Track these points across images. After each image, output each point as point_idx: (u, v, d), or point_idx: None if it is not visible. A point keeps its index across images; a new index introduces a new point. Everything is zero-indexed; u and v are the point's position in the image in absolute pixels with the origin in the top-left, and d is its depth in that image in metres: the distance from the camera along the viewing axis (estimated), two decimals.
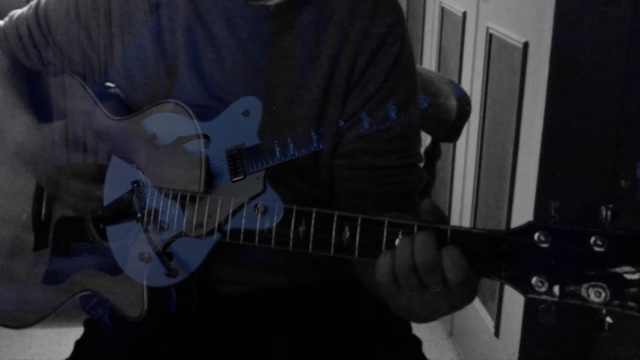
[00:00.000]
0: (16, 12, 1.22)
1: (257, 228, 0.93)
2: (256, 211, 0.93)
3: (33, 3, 1.20)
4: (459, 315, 2.34)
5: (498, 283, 1.99)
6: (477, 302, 2.18)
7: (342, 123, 1.06)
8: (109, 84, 1.17)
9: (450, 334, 2.42)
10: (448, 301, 0.84)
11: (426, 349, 1.19)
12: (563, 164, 1.69)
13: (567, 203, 0.78)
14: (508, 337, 1.95)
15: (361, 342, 1.14)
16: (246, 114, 1.00)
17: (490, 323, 2.08)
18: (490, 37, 2.02)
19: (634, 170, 1.60)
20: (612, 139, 1.67)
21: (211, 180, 0.98)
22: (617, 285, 0.75)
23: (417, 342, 1.20)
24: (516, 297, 1.87)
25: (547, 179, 1.70)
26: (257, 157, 0.97)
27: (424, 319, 0.88)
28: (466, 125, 1.38)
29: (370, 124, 1.04)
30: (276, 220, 0.91)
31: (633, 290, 0.74)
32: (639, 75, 1.62)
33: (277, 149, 0.96)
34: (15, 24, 1.20)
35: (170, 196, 1.00)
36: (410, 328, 1.23)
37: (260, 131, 0.99)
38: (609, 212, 0.76)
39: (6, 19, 1.22)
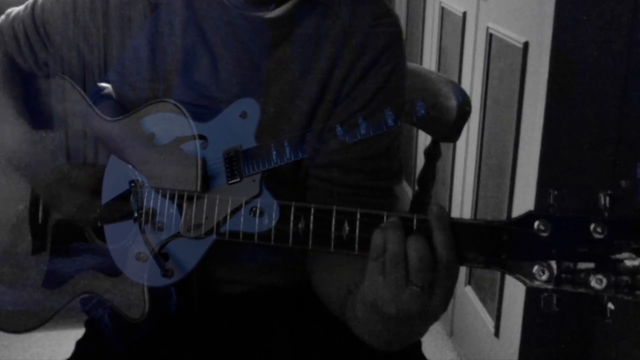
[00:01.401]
0: (13, 11, 1.20)
1: (254, 230, 0.92)
2: (252, 214, 0.93)
3: (29, 2, 1.19)
4: (459, 315, 2.34)
5: (498, 283, 2.00)
6: (477, 302, 2.18)
7: (339, 129, 1.05)
8: (102, 84, 1.16)
9: (450, 334, 2.42)
10: (423, 304, 0.84)
11: (426, 349, 1.19)
12: (563, 164, 1.69)
13: (567, 195, 0.78)
14: (508, 337, 1.95)
15: (361, 342, 1.14)
16: (244, 115, 1.00)
17: (490, 323, 2.08)
18: (490, 37, 2.02)
19: (634, 170, 1.60)
20: (612, 139, 1.67)
21: (208, 181, 0.99)
22: (618, 272, 0.75)
23: (417, 342, 1.20)
24: (516, 296, 1.87)
25: (547, 179, 1.70)
26: (254, 159, 0.97)
27: (395, 323, 0.87)
28: (466, 125, 1.38)
29: (366, 129, 1.04)
30: (273, 222, 0.91)
31: (634, 276, 0.74)
32: (639, 76, 1.62)
33: (274, 152, 0.96)
34: (12, 24, 1.19)
35: (168, 196, 1.00)
36: None
37: (258, 134, 0.99)
38: (608, 199, 0.76)
39: (2, 16, 1.21)
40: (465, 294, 2.26)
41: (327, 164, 1.07)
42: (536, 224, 0.78)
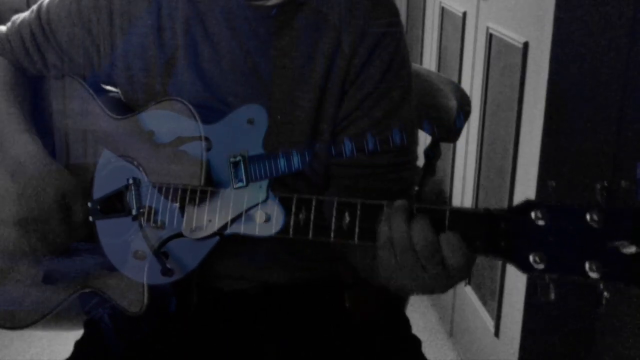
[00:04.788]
0: (19, 17, 1.23)
1: (258, 234, 0.93)
2: (257, 219, 0.93)
3: (35, 7, 1.21)
4: (459, 315, 2.34)
5: (498, 283, 2.00)
6: (477, 302, 2.18)
7: (348, 145, 1.07)
8: (110, 87, 1.18)
9: (450, 334, 2.42)
10: (446, 281, 0.86)
11: (426, 349, 1.19)
12: (563, 164, 1.69)
13: (565, 192, 0.78)
14: (508, 337, 1.95)
15: (361, 342, 1.15)
16: (251, 121, 1.00)
17: (490, 323, 2.08)
18: (490, 37, 2.02)
19: (634, 170, 1.60)
20: (612, 138, 1.67)
21: (211, 183, 0.99)
22: (614, 260, 0.75)
23: (417, 342, 1.20)
24: (516, 297, 1.87)
25: (548, 179, 1.70)
26: (261, 166, 0.97)
27: (420, 293, 0.91)
28: (466, 125, 1.38)
29: (374, 145, 1.05)
30: (276, 229, 0.92)
31: (630, 263, 0.75)
32: (639, 75, 1.62)
33: (282, 159, 0.97)
34: (18, 27, 1.21)
35: (171, 194, 1.00)
36: (410, 328, 1.23)
37: (265, 136, 0.99)
38: (604, 191, 0.76)
39: (9, 24, 1.24)
40: (465, 294, 2.26)
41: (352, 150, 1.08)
42: (533, 212, 0.79)
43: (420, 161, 1.44)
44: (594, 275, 0.76)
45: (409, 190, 1.12)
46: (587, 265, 0.76)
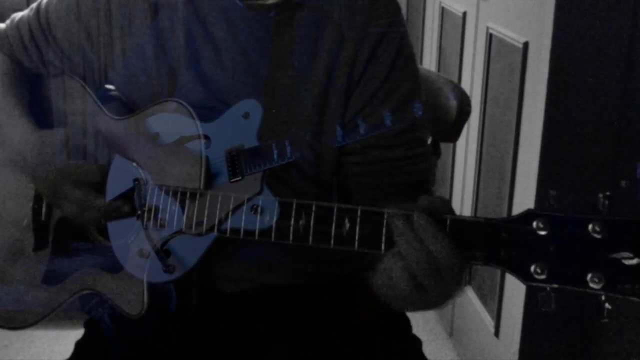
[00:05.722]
0: (17, 15, 1.23)
1: (254, 227, 0.94)
2: (253, 211, 0.94)
3: (34, 5, 1.21)
4: (459, 315, 2.34)
5: (498, 283, 2.00)
6: (477, 302, 2.18)
7: (339, 132, 1.06)
8: (109, 86, 1.18)
9: (450, 334, 2.42)
10: (444, 296, 0.85)
11: (426, 349, 1.19)
12: (563, 164, 1.69)
13: (566, 196, 0.78)
14: (508, 337, 1.95)
15: (361, 342, 1.15)
16: (246, 116, 1.01)
17: (490, 323, 2.08)
18: (490, 37, 2.02)
19: (634, 170, 1.60)
20: (612, 139, 1.67)
21: (210, 180, 0.99)
22: (616, 271, 0.75)
23: (417, 342, 1.20)
24: (516, 297, 1.87)
25: (547, 179, 1.70)
26: (256, 158, 0.98)
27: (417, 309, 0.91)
28: (466, 125, 1.38)
29: (365, 130, 1.05)
30: (272, 219, 0.92)
31: (631, 275, 0.74)
32: (639, 75, 1.62)
33: (275, 151, 0.97)
34: (17, 25, 1.21)
35: (171, 193, 1.01)
36: (410, 328, 1.23)
37: (261, 133, 0.99)
38: (606, 200, 0.76)
39: (7, 21, 1.24)
40: (465, 294, 2.25)
41: (364, 147, 1.09)
42: (535, 222, 0.78)
43: None
44: (595, 286, 0.75)
45: (425, 181, 1.13)
46: (588, 277, 0.76)
